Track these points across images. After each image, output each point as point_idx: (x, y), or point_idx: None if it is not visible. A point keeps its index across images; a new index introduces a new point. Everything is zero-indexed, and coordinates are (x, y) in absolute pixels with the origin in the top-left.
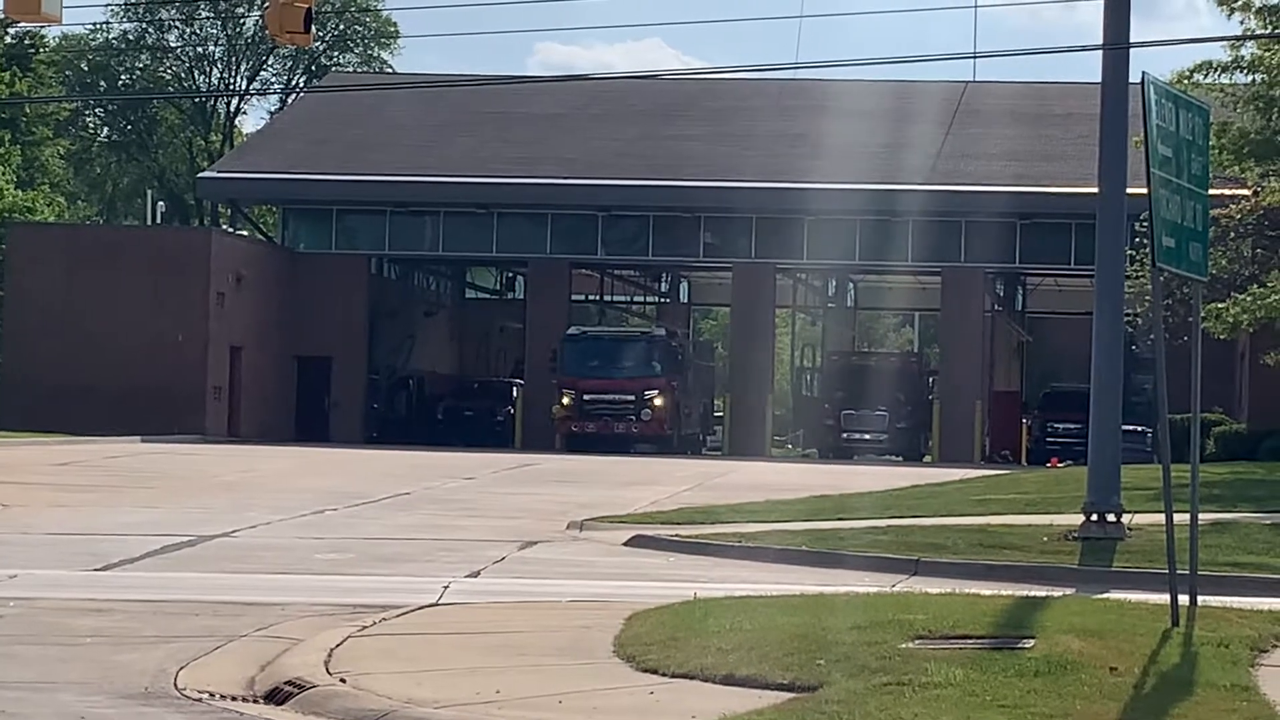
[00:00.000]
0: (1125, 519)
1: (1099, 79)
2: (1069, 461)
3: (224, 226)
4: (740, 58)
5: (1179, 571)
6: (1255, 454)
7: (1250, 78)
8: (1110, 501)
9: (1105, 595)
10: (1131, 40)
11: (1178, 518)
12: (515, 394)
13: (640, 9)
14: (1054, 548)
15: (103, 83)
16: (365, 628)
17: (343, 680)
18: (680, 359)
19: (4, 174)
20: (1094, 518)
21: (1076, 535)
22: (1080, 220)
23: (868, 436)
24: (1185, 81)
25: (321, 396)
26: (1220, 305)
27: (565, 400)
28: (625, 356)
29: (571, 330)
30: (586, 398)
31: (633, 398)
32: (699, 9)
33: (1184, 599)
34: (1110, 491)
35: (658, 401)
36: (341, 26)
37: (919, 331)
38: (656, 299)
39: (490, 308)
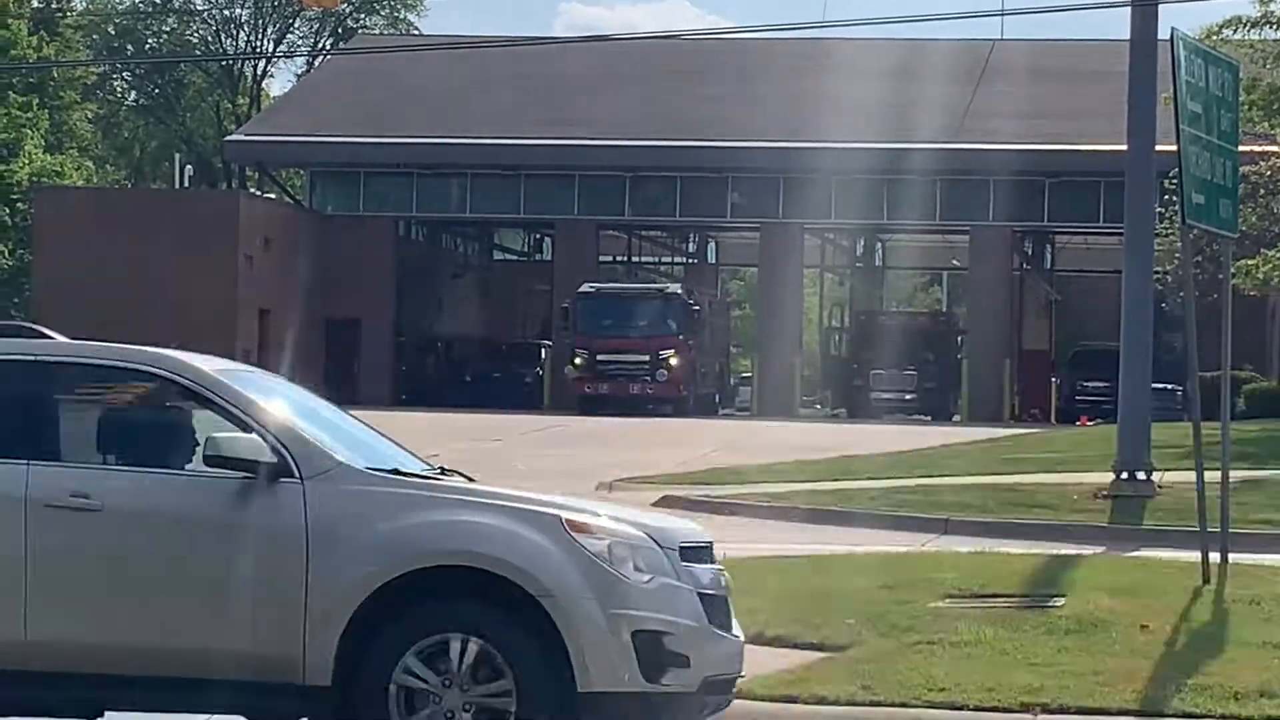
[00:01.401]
0: (1155, 477)
1: (1128, 36)
2: (1099, 420)
3: (251, 189)
4: (765, 16)
5: (1210, 529)
6: None
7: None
8: (1140, 460)
9: (1136, 553)
10: None
11: (1208, 475)
12: (543, 356)
13: None
14: (1084, 506)
15: (129, 46)
16: None
17: None
18: (696, 317)
19: (32, 138)
20: (1124, 476)
21: (1107, 493)
22: (1109, 178)
23: (896, 396)
24: (1214, 37)
25: (350, 359)
26: (1250, 262)
27: (578, 360)
28: (640, 315)
29: (585, 287)
30: (600, 358)
31: (648, 358)
32: None
33: (1215, 557)
34: (1140, 449)
35: (673, 361)
36: None
37: (947, 291)
38: (684, 260)
39: (518, 269)
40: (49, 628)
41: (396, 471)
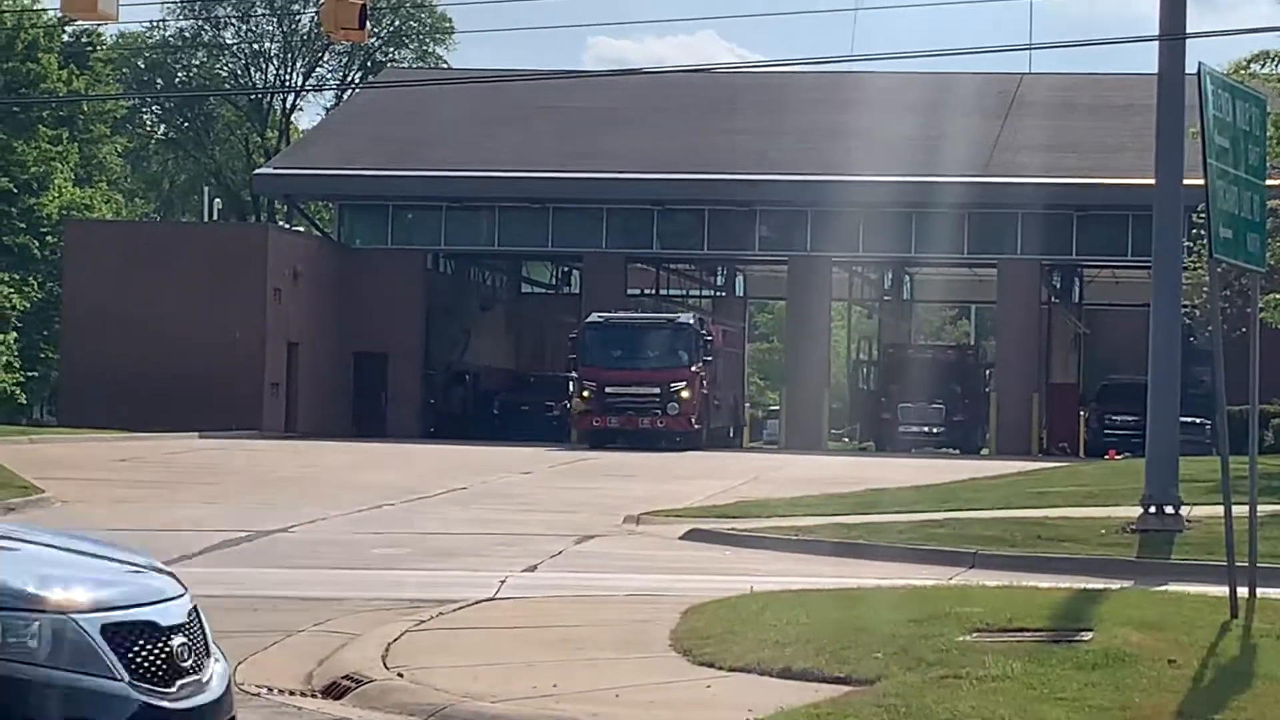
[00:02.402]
0: (1184, 511)
1: (1155, 70)
2: (1126, 454)
3: (280, 222)
4: (793, 50)
5: (1238, 564)
6: None
7: None
8: (1168, 494)
9: (1164, 588)
10: (1188, 30)
11: (1236, 510)
12: (571, 388)
13: (693, 2)
14: (1112, 540)
15: (159, 80)
16: (423, 622)
17: (400, 675)
18: (709, 348)
19: (62, 171)
20: (1152, 510)
21: (1135, 528)
22: (1137, 212)
23: (924, 430)
24: (1242, 72)
25: (378, 392)
26: (1279, 296)
27: (586, 393)
28: (650, 346)
29: (593, 317)
30: (609, 390)
31: (658, 390)
32: (752, 2)
33: (1243, 591)
34: (1168, 484)
35: (684, 394)
36: (396, 22)
37: (975, 324)
38: (712, 293)
39: (546, 302)
40: None
41: None
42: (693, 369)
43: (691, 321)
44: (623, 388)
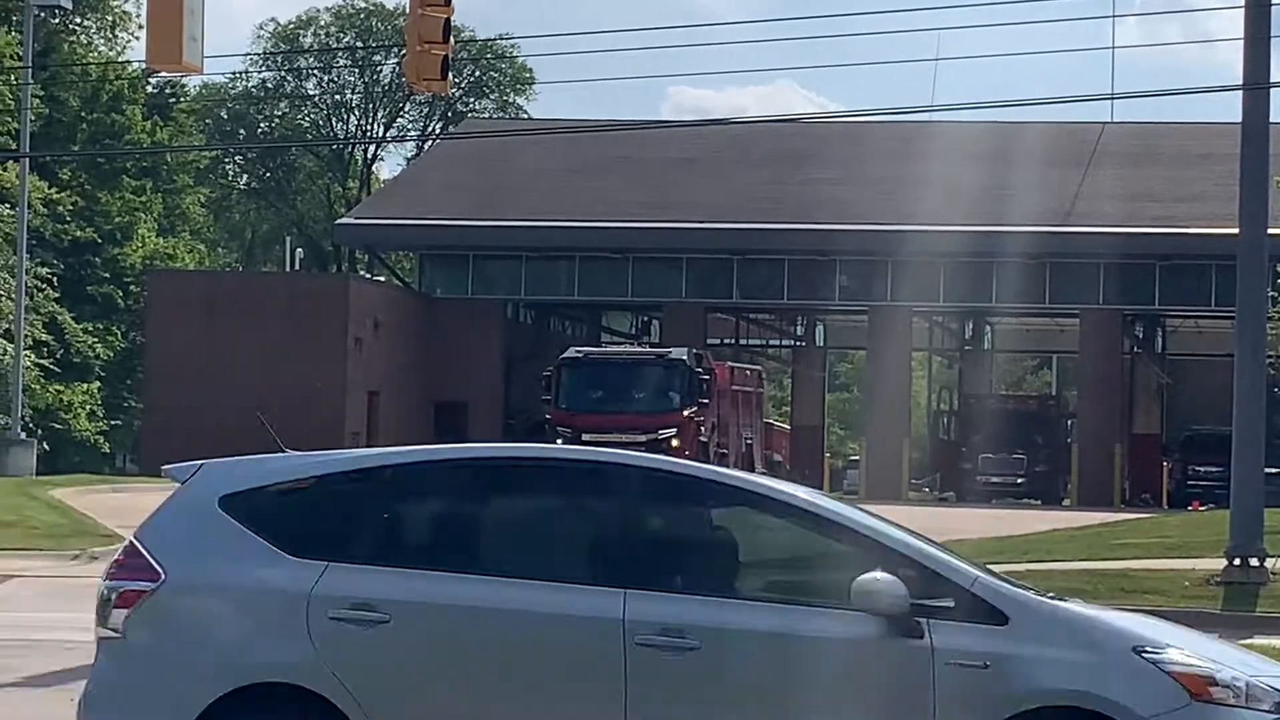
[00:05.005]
0: (1269, 563)
1: (1239, 118)
2: (1211, 505)
3: (361, 272)
4: (871, 100)
5: None
6: None
7: None
8: (1253, 545)
9: (1249, 640)
10: (1272, 79)
11: None
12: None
13: (771, 52)
14: (1196, 592)
15: (242, 131)
16: None
17: None
18: (706, 389)
19: (146, 222)
20: (1237, 562)
21: (1219, 580)
22: (1221, 261)
23: (1006, 480)
24: None
25: (458, 441)
26: None
27: (560, 442)
28: (636, 385)
29: (570, 353)
30: (586, 438)
31: (643, 437)
32: (830, 52)
33: None
34: (1253, 535)
35: (675, 442)
36: (477, 73)
37: (1057, 374)
38: (792, 342)
39: None
40: None
41: None
42: (685, 413)
43: (684, 357)
44: (602, 434)
